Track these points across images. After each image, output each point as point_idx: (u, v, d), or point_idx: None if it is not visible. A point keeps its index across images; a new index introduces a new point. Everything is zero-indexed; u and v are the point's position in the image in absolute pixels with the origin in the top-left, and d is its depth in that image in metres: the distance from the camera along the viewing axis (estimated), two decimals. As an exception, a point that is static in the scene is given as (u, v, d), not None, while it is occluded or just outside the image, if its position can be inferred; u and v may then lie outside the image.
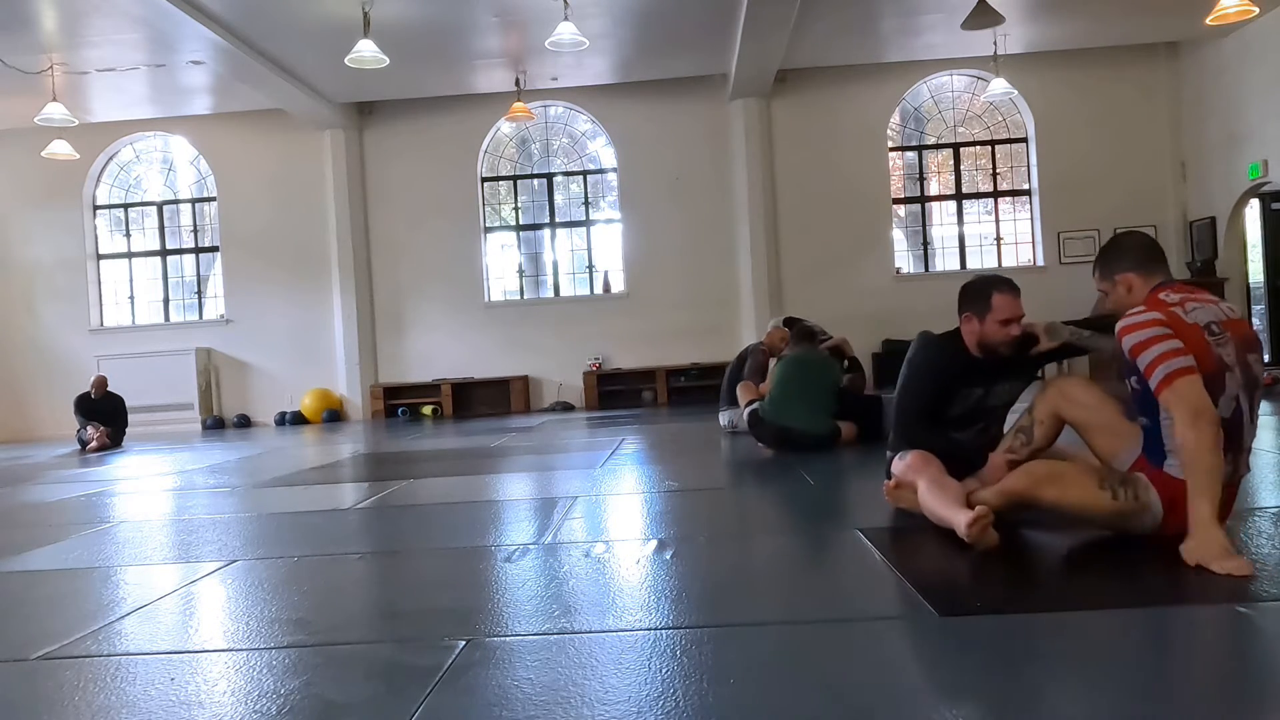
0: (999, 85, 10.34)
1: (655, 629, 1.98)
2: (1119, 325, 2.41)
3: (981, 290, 2.98)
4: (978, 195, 12.00)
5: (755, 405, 5.41)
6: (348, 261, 11.75)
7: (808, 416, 5.16)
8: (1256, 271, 10.97)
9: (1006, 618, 1.94)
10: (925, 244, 11.97)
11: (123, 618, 2.33)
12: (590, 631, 1.99)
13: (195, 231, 12.48)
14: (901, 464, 3.08)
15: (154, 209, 12.50)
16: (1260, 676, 1.57)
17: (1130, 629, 1.82)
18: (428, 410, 11.41)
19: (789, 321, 6.74)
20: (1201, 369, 2.28)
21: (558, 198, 12.26)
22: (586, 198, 12.23)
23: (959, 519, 2.52)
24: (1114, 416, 2.64)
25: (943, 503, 2.69)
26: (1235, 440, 2.37)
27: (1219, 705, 1.45)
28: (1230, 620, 1.84)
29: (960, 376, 3.06)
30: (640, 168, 11.80)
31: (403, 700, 1.63)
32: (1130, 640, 1.76)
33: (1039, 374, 3.57)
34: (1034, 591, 2.19)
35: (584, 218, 12.24)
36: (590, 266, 12.20)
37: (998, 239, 11.95)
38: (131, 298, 12.51)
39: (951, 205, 12.01)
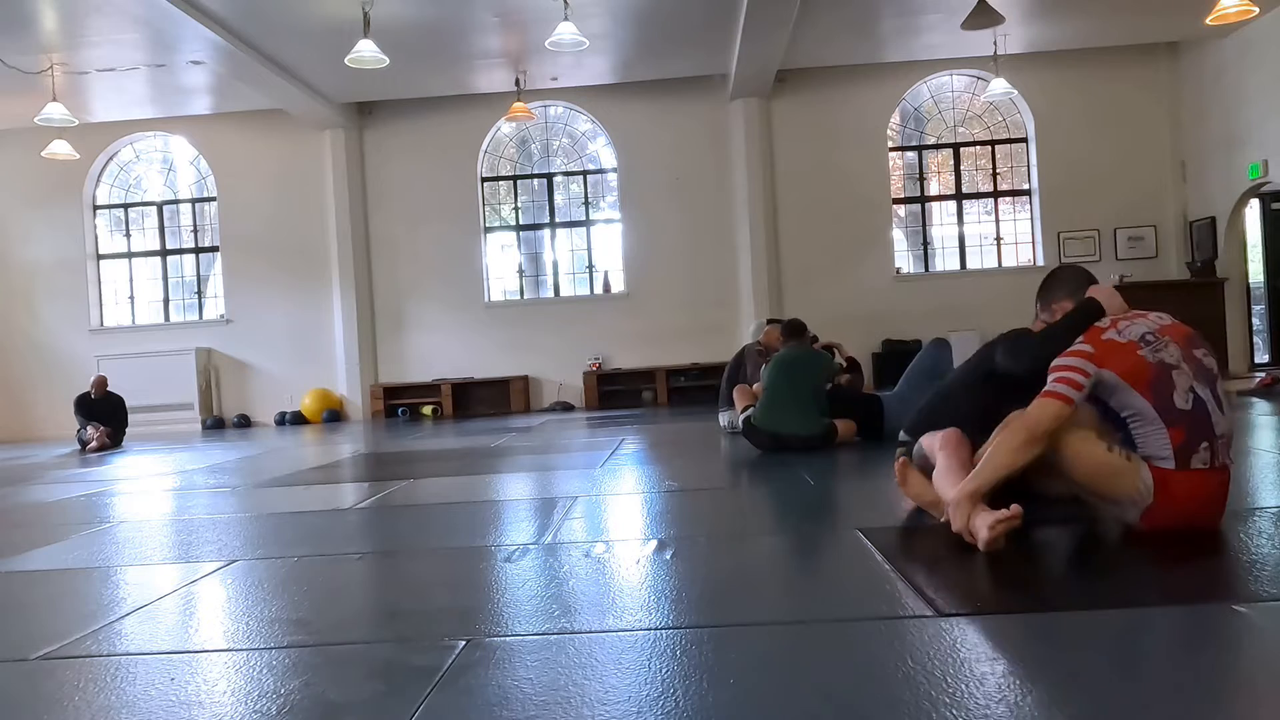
0: (999, 85, 10.34)
1: (655, 629, 1.98)
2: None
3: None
4: (978, 195, 12.00)
5: (749, 412, 5.38)
6: (348, 261, 11.75)
7: (798, 419, 5.13)
8: (1257, 271, 10.98)
9: (1006, 618, 1.94)
10: (925, 244, 11.98)
11: (123, 618, 2.33)
12: (590, 631, 1.99)
13: (195, 231, 12.49)
14: (934, 437, 2.99)
15: (154, 209, 12.51)
16: (1260, 676, 1.57)
17: (1130, 629, 1.82)
18: (428, 410, 11.41)
19: (771, 324, 6.76)
20: (1140, 378, 2.48)
21: (558, 198, 12.27)
22: (586, 198, 12.23)
23: (980, 518, 2.49)
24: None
25: (993, 465, 2.63)
26: (1204, 428, 2.46)
27: (1219, 705, 1.45)
28: (1230, 620, 1.84)
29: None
30: (640, 168, 11.80)
31: (403, 700, 1.63)
32: (1130, 640, 1.76)
33: None
34: (1034, 591, 2.19)
35: (584, 218, 12.25)
36: (590, 266, 12.21)
37: (998, 239, 11.95)
38: (131, 298, 12.51)
39: (951, 205, 12.01)
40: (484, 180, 12.14)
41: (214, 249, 12.35)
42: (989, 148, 11.96)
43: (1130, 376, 2.48)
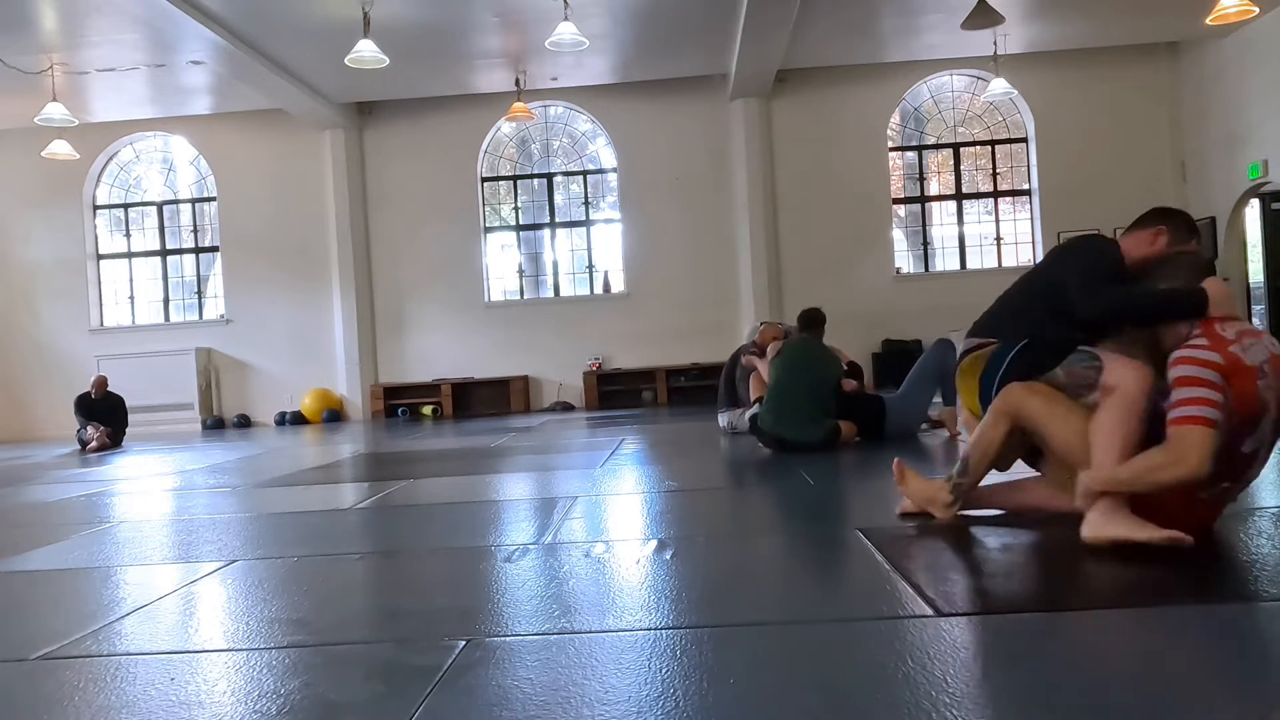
0: (999, 85, 10.34)
1: (655, 629, 1.98)
2: (1175, 354, 2.34)
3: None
4: (978, 195, 12.01)
5: (756, 410, 5.35)
6: (348, 261, 11.76)
7: (804, 424, 5.06)
8: (1257, 271, 10.97)
9: (1006, 617, 1.94)
10: (925, 244, 11.98)
11: (123, 618, 2.33)
12: (590, 631, 1.99)
13: (195, 231, 12.49)
14: (1121, 364, 2.45)
15: (154, 209, 12.51)
16: (1260, 676, 1.57)
17: (1129, 628, 1.82)
18: (428, 410, 11.41)
19: (766, 325, 6.73)
20: (1241, 413, 2.26)
21: (558, 198, 12.27)
22: (586, 198, 12.23)
23: (1131, 522, 2.34)
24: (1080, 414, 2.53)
25: (1136, 473, 2.34)
26: (1240, 473, 2.37)
27: (1218, 705, 1.45)
28: (1230, 620, 1.84)
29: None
30: (640, 168, 11.81)
31: (403, 700, 1.63)
32: (1130, 640, 1.76)
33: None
34: (1034, 591, 2.19)
35: (584, 218, 12.25)
36: (590, 266, 12.21)
37: (998, 239, 11.96)
38: (131, 298, 12.52)
39: (951, 205, 12.02)
40: (484, 180, 12.14)
41: (214, 249, 12.35)
42: (989, 148, 11.96)
43: (1238, 407, 2.25)
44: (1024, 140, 11.85)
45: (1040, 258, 11.70)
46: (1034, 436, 2.64)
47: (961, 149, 11.98)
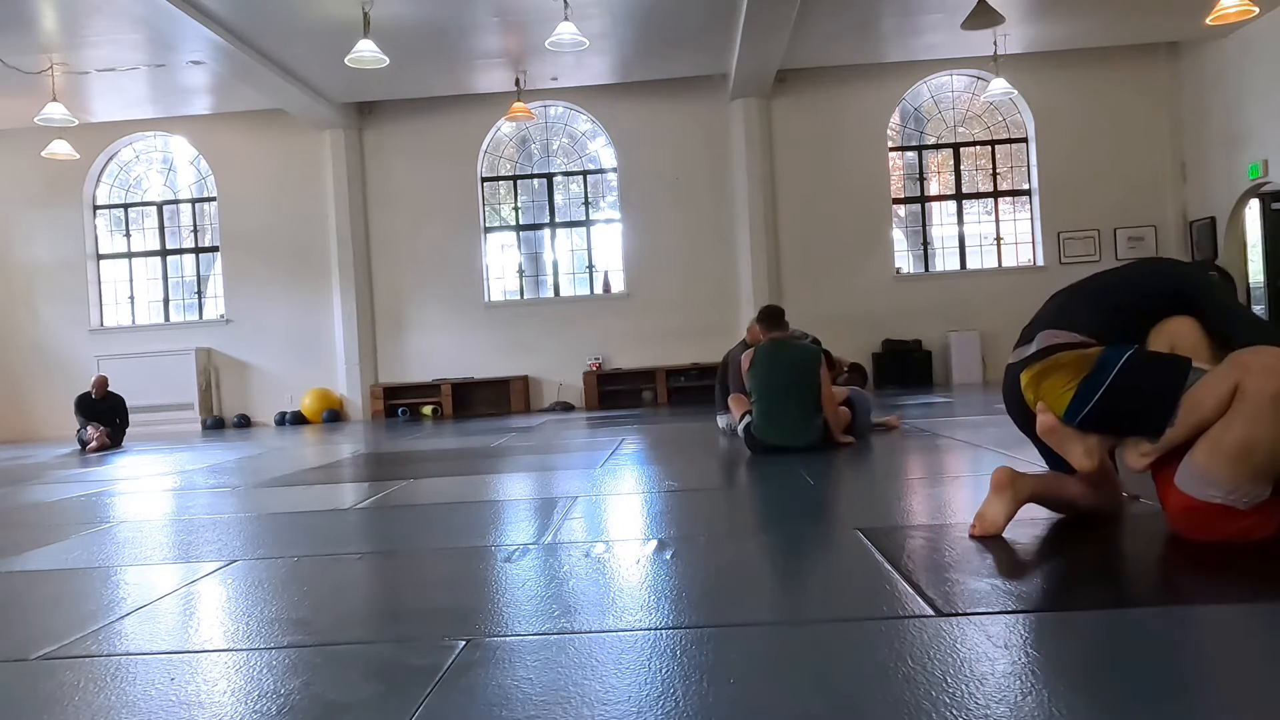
0: (999, 85, 10.34)
1: (655, 629, 1.98)
2: None
3: None
4: (978, 195, 12.01)
5: (748, 420, 5.27)
6: (348, 261, 11.76)
7: (798, 428, 5.01)
8: (1257, 271, 10.98)
9: (1007, 617, 1.94)
10: (925, 244, 11.98)
11: (123, 618, 2.33)
12: (590, 631, 1.99)
13: (195, 231, 12.50)
14: None
15: (154, 209, 12.52)
16: (1260, 677, 1.57)
17: (1131, 629, 1.82)
18: (428, 410, 11.42)
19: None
20: None
21: (558, 198, 12.27)
22: (586, 198, 12.24)
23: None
24: None
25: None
26: None
27: (1219, 706, 1.45)
28: (1230, 620, 1.84)
29: None
30: (640, 168, 11.81)
31: (403, 700, 1.63)
32: (1131, 640, 1.76)
33: None
34: (1034, 591, 2.19)
35: (584, 218, 12.25)
36: (590, 266, 12.21)
37: (998, 239, 11.96)
38: (131, 298, 12.52)
39: (951, 205, 12.02)
40: (484, 180, 12.14)
41: (214, 249, 12.35)
42: (989, 148, 11.96)
43: None
44: (1024, 140, 11.85)
45: (1040, 258, 11.74)
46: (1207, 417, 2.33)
47: (961, 149, 11.98)
